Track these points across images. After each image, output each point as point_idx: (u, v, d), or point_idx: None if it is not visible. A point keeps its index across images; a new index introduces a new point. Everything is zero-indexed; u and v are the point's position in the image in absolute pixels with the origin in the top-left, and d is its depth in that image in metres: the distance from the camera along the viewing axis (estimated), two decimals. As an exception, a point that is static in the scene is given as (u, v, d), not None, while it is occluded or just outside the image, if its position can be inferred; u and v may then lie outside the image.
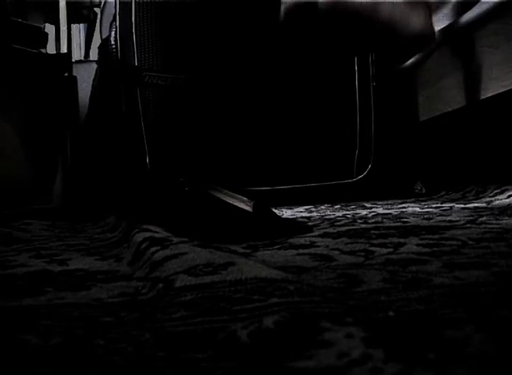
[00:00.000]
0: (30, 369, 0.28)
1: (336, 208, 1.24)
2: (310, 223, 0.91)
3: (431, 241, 0.63)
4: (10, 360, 0.29)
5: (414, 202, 1.29)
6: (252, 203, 0.82)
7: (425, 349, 0.26)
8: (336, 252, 0.60)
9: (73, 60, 1.75)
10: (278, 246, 0.67)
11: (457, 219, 0.86)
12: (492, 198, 1.15)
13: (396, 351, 0.26)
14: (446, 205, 1.16)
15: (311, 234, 0.76)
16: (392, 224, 0.84)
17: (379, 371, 0.24)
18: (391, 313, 0.34)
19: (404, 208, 1.15)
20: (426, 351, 0.26)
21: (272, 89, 1.45)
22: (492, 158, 1.35)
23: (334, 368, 0.25)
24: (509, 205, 1.04)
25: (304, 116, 1.47)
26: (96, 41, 2.06)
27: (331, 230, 0.80)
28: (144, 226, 0.69)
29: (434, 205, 1.18)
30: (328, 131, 1.47)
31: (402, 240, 0.65)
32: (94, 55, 2.19)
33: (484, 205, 1.10)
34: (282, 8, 1.16)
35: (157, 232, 0.65)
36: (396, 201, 1.34)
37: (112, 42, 1.44)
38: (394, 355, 0.26)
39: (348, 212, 1.11)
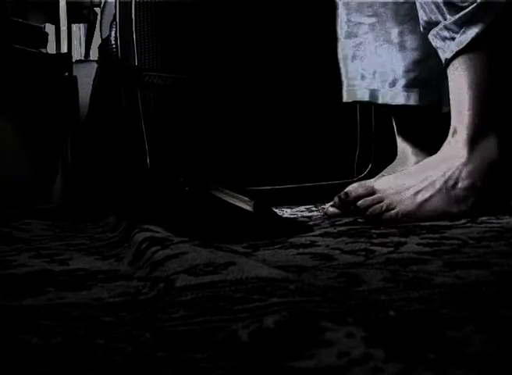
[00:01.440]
0: (30, 369, 0.28)
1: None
2: (310, 223, 0.91)
3: (431, 241, 0.63)
4: (11, 360, 0.29)
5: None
6: (253, 203, 0.82)
7: (426, 349, 0.26)
8: (337, 252, 0.60)
9: (74, 60, 1.75)
10: (278, 245, 0.67)
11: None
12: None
13: (396, 351, 0.26)
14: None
15: (311, 234, 0.76)
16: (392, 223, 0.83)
17: (380, 371, 0.24)
18: (392, 313, 0.34)
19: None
20: (427, 351, 0.26)
21: (273, 89, 1.45)
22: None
23: (334, 367, 0.25)
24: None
25: (305, 116, 1.47)
26: (96, 40, 2.06)
27: (331, 229, 0.80)
28: (145, 226, 0.69)
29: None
30: (329, 131, 1.47)
31: (402, 239, 0.65)
32: (94, 54, 2.19)
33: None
34: None
35: (157, 232, 0.65)
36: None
37: (112, 42, 1.44)
38: (395, 354, 0.26)
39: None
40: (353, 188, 0.87)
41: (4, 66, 1.36)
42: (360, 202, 0.84)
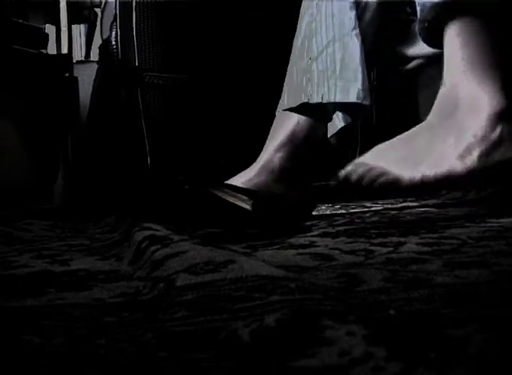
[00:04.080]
0: (33, 369, 0.28)
1: (336, 208, 1.24)
2: (309, 223, 0.91)
3: (431, 240, 0.63)
4: (14, 360, 0.29)
5: (414, 201, 1.29)
6: (251, 202, 0.82)
7: (427, 348, 0.26)
8: (336, 252, 0.60)
9: (74, 60, 1.75)
10: (277, 246, 0.67)
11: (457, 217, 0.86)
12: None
13: (397, 350, 0.26)
14: (448, 202, 1.16)
15: (310, 234, 0.76)
16: (392, 223, 0.84)
17: (381, 370, 0.24)
18: (392, 312, 0.34)
19: (404, 207, 1.15)
20: (428, 351, 0.26)
21: (274, 89, 1.45)
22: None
23: (336, 366, 0.25)
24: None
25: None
26: (97, 41, 2.06)
27: (330, 229, 0.80)
28: (145, 225, 0.69)
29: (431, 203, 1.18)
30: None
31: (402, 239, 0.65)
32: (94, 55, 2.19)
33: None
34: None
35: (157, 230, 0.65)
36: (397, 200, 1.34)
37: (113, 42, 1.44)
38: (396, 353, 0.26)
39: (348, 212, 1.11)
40: (352, 170, 0.84)
41: (4, 66, 1.36)
42: (365, 180, 0.80)
